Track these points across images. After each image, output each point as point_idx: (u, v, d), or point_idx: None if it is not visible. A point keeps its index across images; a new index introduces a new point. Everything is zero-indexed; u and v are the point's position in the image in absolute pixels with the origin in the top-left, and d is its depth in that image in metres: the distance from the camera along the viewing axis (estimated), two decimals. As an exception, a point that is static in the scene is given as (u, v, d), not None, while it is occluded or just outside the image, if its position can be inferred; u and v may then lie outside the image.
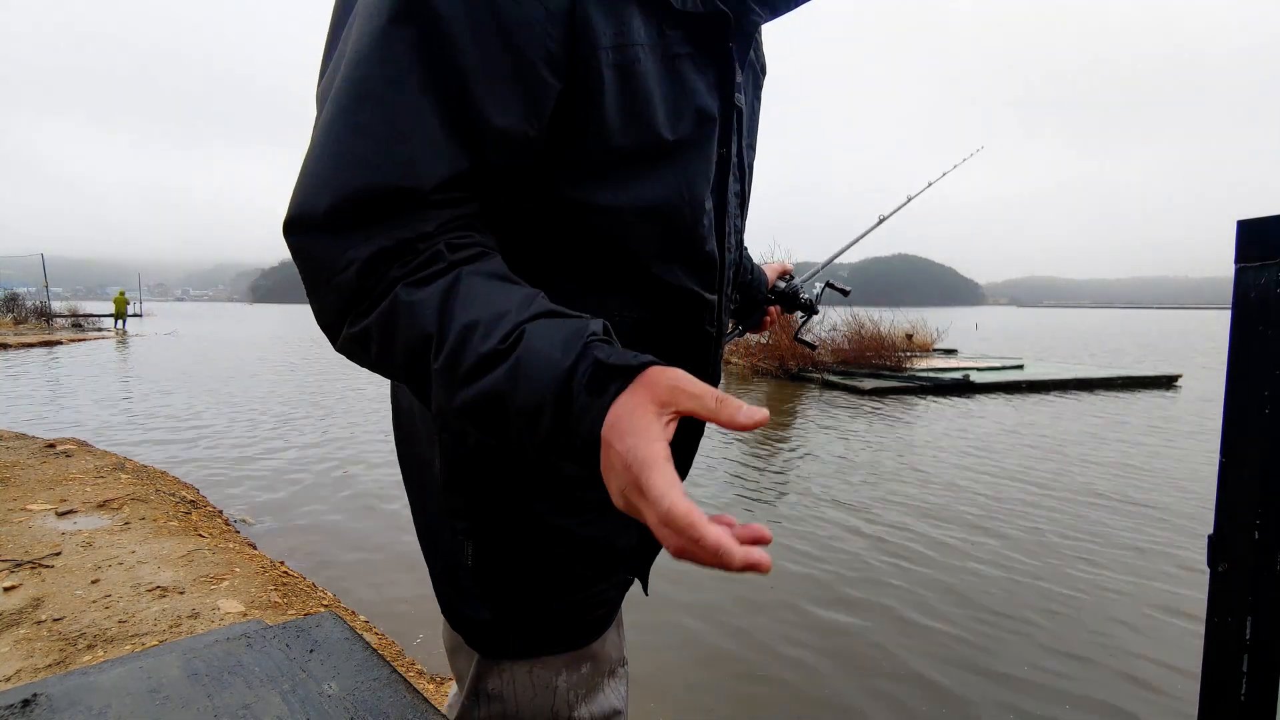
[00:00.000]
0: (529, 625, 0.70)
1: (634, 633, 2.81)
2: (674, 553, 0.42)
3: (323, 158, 0.50)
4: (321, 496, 4.68)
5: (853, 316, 13.73)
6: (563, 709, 0.73)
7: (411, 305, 0.49)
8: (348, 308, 0.52)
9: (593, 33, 0.54)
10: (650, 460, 0.42)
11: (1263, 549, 0.71)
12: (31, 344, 17.70)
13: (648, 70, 0.57)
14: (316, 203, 0.50)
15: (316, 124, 0.52)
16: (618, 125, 0.57)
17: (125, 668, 0.70)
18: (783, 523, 4.28)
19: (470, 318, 0.48)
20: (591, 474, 0.47)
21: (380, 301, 0.50)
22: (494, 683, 0.72)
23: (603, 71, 0.55)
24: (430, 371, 0.50)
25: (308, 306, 0.56)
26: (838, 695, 2.43)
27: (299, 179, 0.51)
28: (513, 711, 0.73)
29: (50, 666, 2.14)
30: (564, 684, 0.73)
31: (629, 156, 0.59)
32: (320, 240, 0.50)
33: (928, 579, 3.42)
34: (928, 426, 7.70)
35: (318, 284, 0.52)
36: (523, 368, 0.47)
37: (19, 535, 3.25)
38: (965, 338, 24.44)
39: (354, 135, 0.50)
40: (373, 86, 0.50)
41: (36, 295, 28.90)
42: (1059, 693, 2.46)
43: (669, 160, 0.61)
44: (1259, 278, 0.72)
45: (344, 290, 0.51)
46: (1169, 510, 4.59)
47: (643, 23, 0.57)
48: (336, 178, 0.49)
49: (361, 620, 2.77)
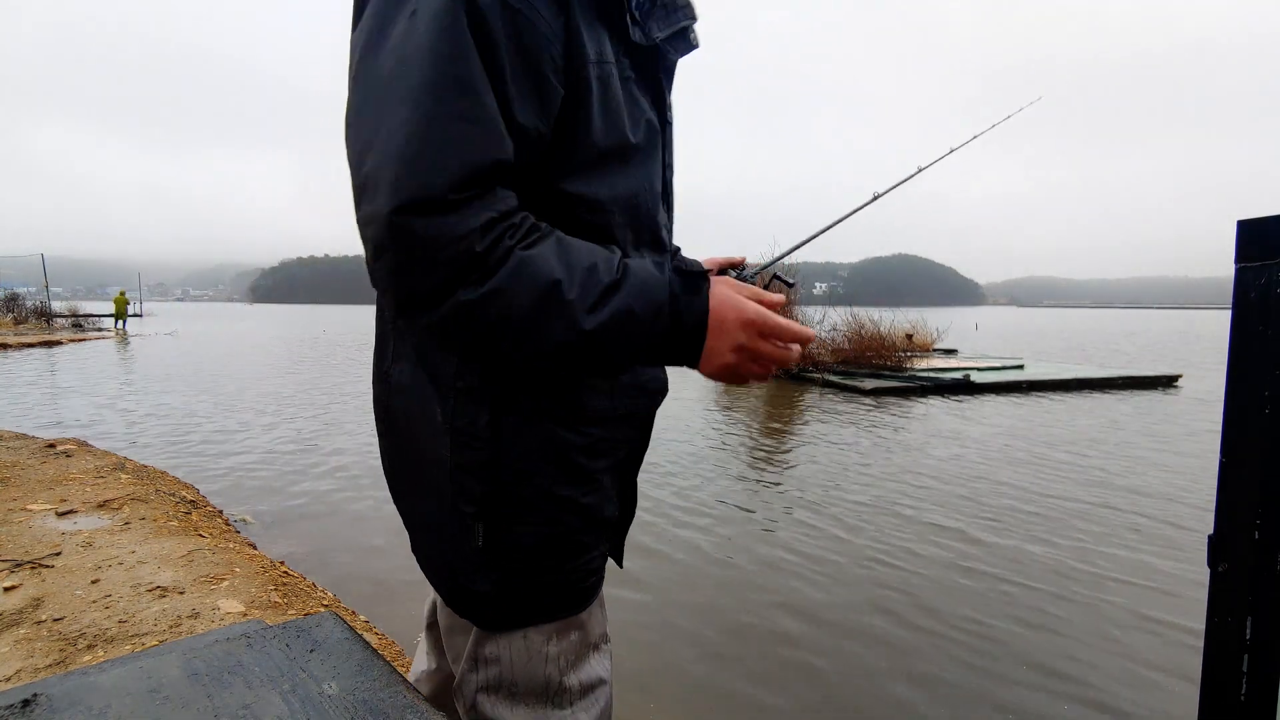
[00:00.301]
0: (530, 595, 0.78)
1: (634, 631, 2.81)
2: (784, 364, 0.73)
3: (429, 140, 0.58)
4: (322, 496, 4.68)
5: (853, 316, 13.72)
6: (554, 674, 0.80)
7: (533, 259, 0.62)
8: (464, 275, 0.60)
9: (583, 50, 0.68)
10: (761, 312, 0.70)
11: (1263, 549, 0.71)
12: (32, 344, 17.70)
13: (616, 84, 0.73)
14: (434, 183, 0.58)
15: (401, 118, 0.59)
16: (600, 127, 0.71)
17: (125, 668, 0.70)
18: (781, 524, 4.28)
19: (588, 262, 0.64)
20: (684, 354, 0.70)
21: (503, 263, 0.61)
22: (490, 649, 0.80)
23: (591, 81, 0.69)
24: (562, 305, 0.62)
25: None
26: (837, 697, 2.43)
27: (399, 165, 0.58)
28: (508, 676, 0.79)
29: (50, 666, 2.14)
30: (554, 650, 0.81)
31: (609, 155, 0.73)
32: (437, 218, 0.58)
33: (929, 582, 3.42)
34: (929, 427, 7.70)
35: (427, 259, 0.59)
36: (635, 288, 0.65)
37: (19, 535, 3.25)
38: (965, 338, 24.45)
39: (456, 121, 0.59)
40: (460, 81, 0.60)
41: (36, 295, 28.90)
42: (1057, 694, 2.46)
43: (635, 160, 0.76)
44: (1259, 278, 0.72)
45: (461, 259, 0.59)
46: (1169, 511, 4.59)
47: (611, 47, 0.72)
48: (448, 159, 0.58)
49: (361, 620, 2.77)
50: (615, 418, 0.81)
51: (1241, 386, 0.73)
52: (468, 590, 0.78)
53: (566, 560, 0.79)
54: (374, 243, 0.61)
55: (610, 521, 0.85)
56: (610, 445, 0.82)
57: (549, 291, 0.61)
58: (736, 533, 4.08)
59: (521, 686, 0.80)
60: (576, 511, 0.78)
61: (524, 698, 0.80)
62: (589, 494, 0.79)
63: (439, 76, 0.59)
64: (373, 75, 0.62)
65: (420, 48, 0.60)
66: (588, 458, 0.78)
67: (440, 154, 0.59)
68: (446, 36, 0.59)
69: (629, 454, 0.90)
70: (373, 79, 0.62)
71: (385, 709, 0.65)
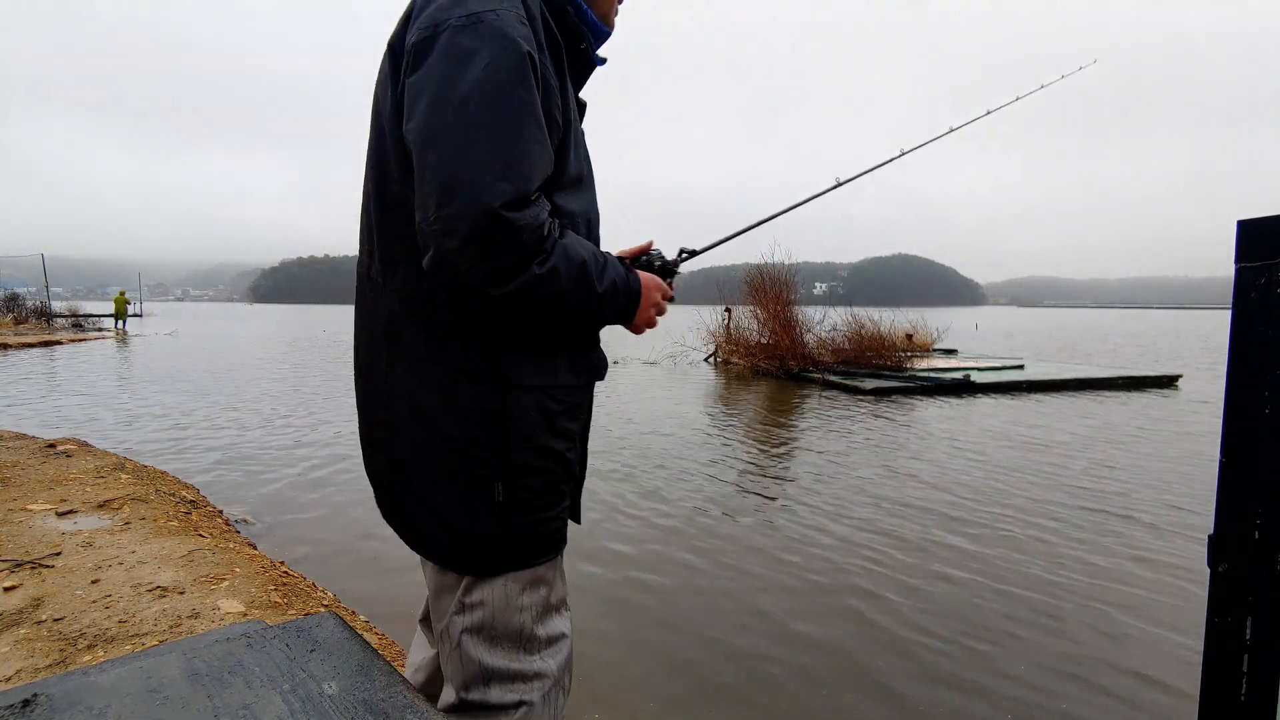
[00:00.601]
0: (526, 538, 0.99)
1: (603, 646, 2.79)
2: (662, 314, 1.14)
3: (521, 156, 0.83)
4: (322, 497, 4.68)
5: (853, 316, 13.72)
6: (526, 623, 1.00)
7: (570, 244, 0.92)
8: (534, 254, 0.86)
9: (569, 101, 0.98)
10: (663, 287, 1.13)
11: (1263, 549, 0.71)
12: (32, 344, 17.69)
13: (578, 127, 1.04)
14: (526, 187, 0.83)
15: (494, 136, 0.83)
16: (573, 159, 1.00)
17: (125, 668, 0.70)
18: (777, 528, 4.28)
19: (590, 250, 0.97)
20: (629, 308, 1.03)
21: (556, 247, 0.89)
22: (476, 595, 0.98)
23: (572, 125, 0.99)
24: (588, 275, 0.94)
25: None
26: (815, 708, 2.43)
27: (501, 168, 0.81)
28: (488, 620, 0.98)
29: (50, 666, 2.14)
30: (526, 601, 1.00)
31: (576, 181, 1.02)
32: (525, 212, 0.83)
33: (931, 585, 3.42)
34: (930, 427, 7.70)
35: (515, 241, 0.83)
36: (613, 268, 1.00)
37: (19, 535, 3.25)
38: (965, 338, 24.44)
39: (535, 144, 0.86)
40: (535, 118, 0.86)
41: (37, 295, 28.88)
42: (1057, 695, 2.45)
43: (586, 186, 1.07)
44: (1259, 278, 0.72)
45: (534, 244, 0.86)
46: (1170, 511, 4.59)
47: (573, 99, 1.02)
48: (532, 171, 0.85)
49: (361, 620, 2.77)
50: (578, 387, 1.05)
51: (1242, 386, 0.73)
52: (481, 546, 0.97)
53: (552, 506, 1.02)
54: (466, 233, 0.80)
55: (576, 477, 1.10)
56: (577, 410, 1.06)
57: (582, 266, 0.93)
58: (728, 533, 4.08)
59: (499, 630, 0.98)
60: (563, 464, 1.03)
61: (501, 641, 0.98)
62: (571, 449, 1.05)
63: (524, 111, 0.84)
64: (457, 107, 0.82)
65: (505, 89, 0.83)
66: (568, 419, 1.03)
67: (529, 165, 0.84)
68: (524, 82, 0.85)
69: (585, 421, 1.13)
70: (458, 110, 0.82)
71: (385, 709, 0.65)
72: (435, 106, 0.83)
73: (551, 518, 1.02)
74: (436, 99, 0.83)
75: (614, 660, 2.63)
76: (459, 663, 0.98)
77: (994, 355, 16.40)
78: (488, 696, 0.97)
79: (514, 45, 0.84)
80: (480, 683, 0.97)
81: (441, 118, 0.82)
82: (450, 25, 0.84)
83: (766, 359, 13.15)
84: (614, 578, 3.36)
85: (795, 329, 13.31)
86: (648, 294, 1.06)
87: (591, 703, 2.33)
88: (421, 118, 0.84)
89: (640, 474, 5.39)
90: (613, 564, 3.52)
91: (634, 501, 4.65)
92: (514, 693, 0.98)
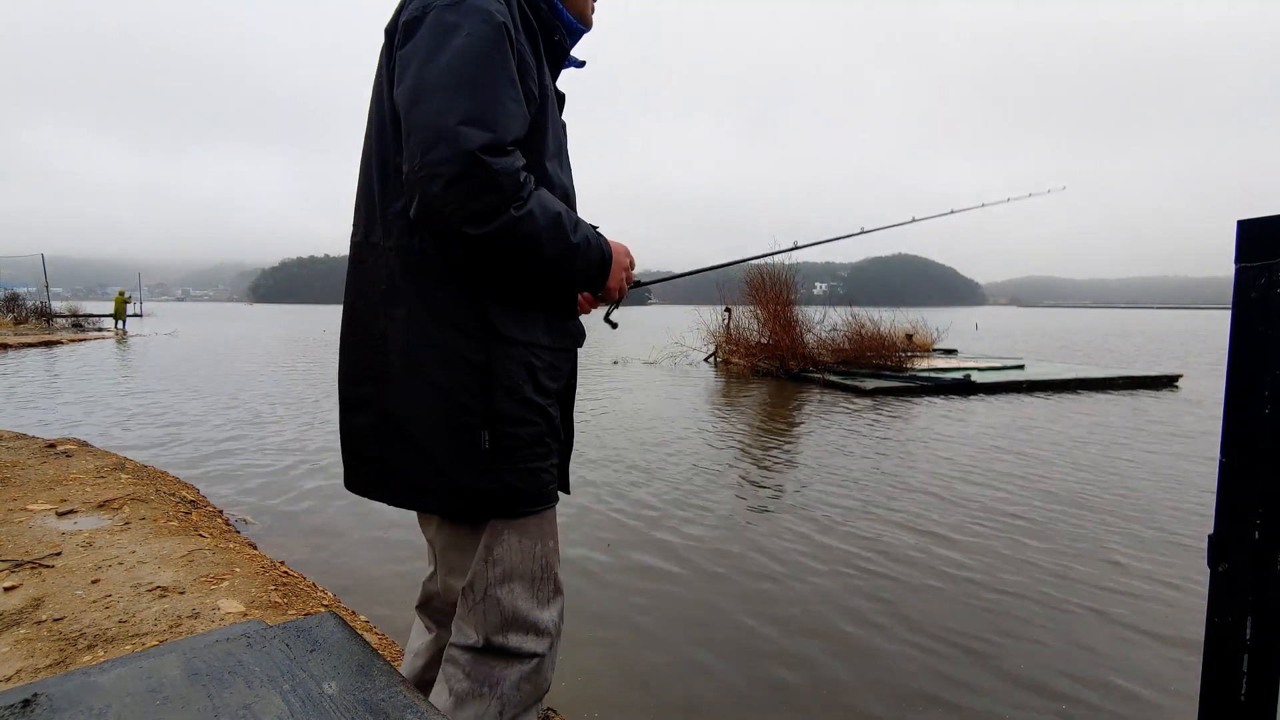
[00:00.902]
0: (520, 487, 1.06)
1: (602, 646, 2.78)
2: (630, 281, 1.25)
3: (498, 111, 0.93)
4: (322, 496, 4.68)
5: (853, 316, 13.72)
6: (537, 572, 1.11)
7: (544, 195, 1.01)
8: (510, 199, 0.94)
9: (545, 79, 1.10)
10: (629, 254, 1.21)
11: (1263, 549, 0.71)
12: (32, 344, 17.70)
13: (554, 105, 1.14)
14: (504, 135, 0.93)
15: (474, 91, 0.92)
16: (550, 133, 1.10)
17: (125, 668, 0.70)
18: (780, 530, 4.28)
19: (565, 209, 1.05)
20: (601, 268, 1.13)
21: (532, 195, 0.97)
22: (498, 550, 1.08)
23: (548, 101, 1.10)
24: (562, 224, 1.02)
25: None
26: (811, 709, 2.43)
27: (478, 118, 0.90)
28: (510, 569, 1.08)
29: (50, 666, 2.14)
30: (539, 550, 1.11)
31: (559, 160, 1.14)
32: (501, 158, 0.92)
33: (934, 592, 3.42)
34: (930, 427, 7.70)
35: (494, 184, 0.92)
36: (585, 226, 1.09)
37: (19, 535, 3.25)
38: (965, 338, 24.44)
39: (512, 102, 0.96)
40: (510, 79, 0.97)
41: (37, 295, 28.88)
42: (1056, 695, 2.45)
43: (563, 161, 1.17)
44: (1259, 277, 0.72)
45: (512, 188, 0.94)
46: (1171, 512, 4.59)
47: (550, 85, 1.14)
48: (510, 123, 0.94)
49: (362, 620, 2.77)
50: (558, 349, 1.14)
51: (1242, 386, 0.73)
52: (475, 491, 1.03)
53: (540, 458, 1.09)
54: (449, 175, 0.89)
55: (559, 437, 1.16)
56: (557, 372, 1.14)
57: (556, 215, 1.01)
58: (721, 536, 4.08)
59: (520, 579, 1.09)
60: (545, 417, 1.10)
61: (521, 592, 1.09)
62: (551, 405, 1.12)
63: (499, 72, 0.94)
64: (442, 69, 0.92)
65: (483, 54, 0.93)
66: (548, 378, 1.11)
67: (507, 119, 0.94)
68: (500, 48, 0.95)
69: (567, 386, 1.20)
70: (442, 71, 0.92)
71: (385, 709, 0.65)
72: (421, 70, 0.93)
73: (541, 469, 1.09)
74: (423, 64, 0.93)
75: (611, 661, 2.63)
76: (483, 613, 1.07)
77: (994, 355, 16.40)
78: (508, 642, 1.07)
79: (491, 17, 0.95)
80: (503, 630, 1.08)
81: (426, 80, 0.92)
82: (437, 5, 0.96)
83: (766, 359, 13.14)
84: (609, 580, 3.36)
85: (795, 329, 13.31)
86: (618, 258, 1.16)
87: (591, 703, 2.33)
88: (409, 81, 0.94)
89: (640, 475, 5.38)
90: (607, 565, 3.52)
91: (632, 503, 4.65)
92: (529, 643, 1.09)
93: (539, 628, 1.10)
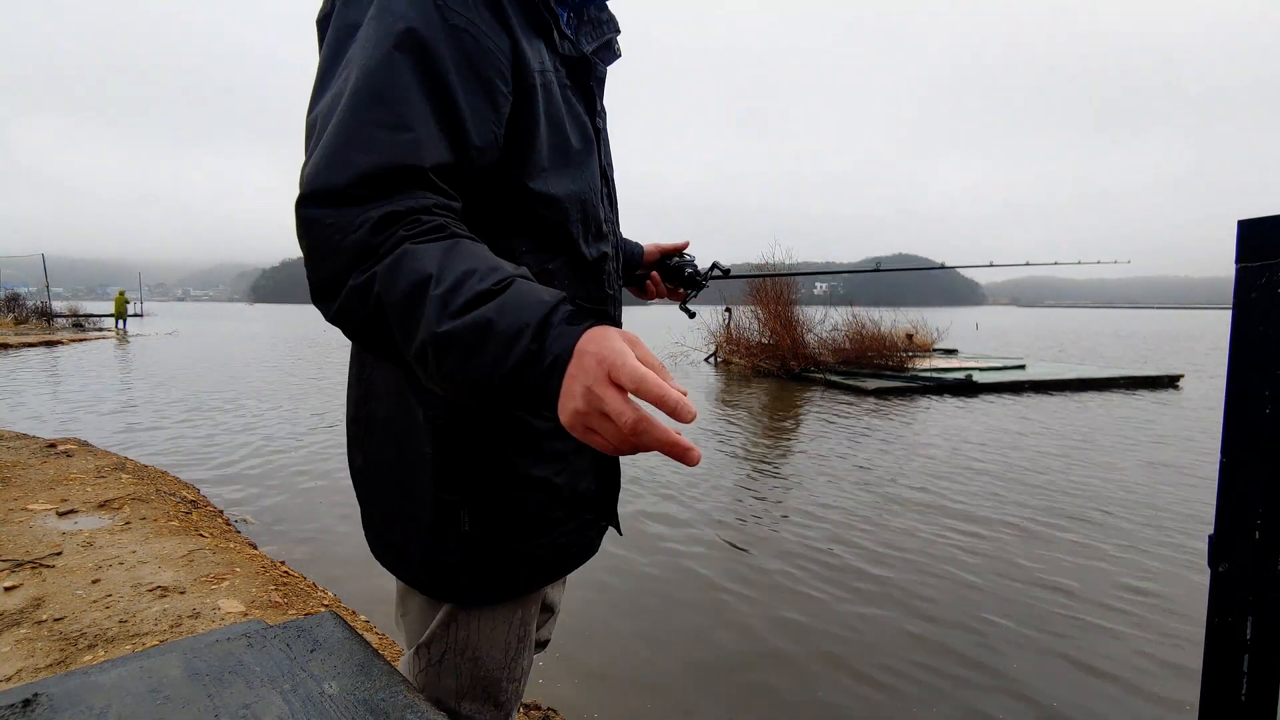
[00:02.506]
0: (500, 572, 0.87)
1: (600, 650, 2.80)
2: (629, 429, 0.52)
3: (341, 143, 0.63)
4: (322, 496, 4.68)
5: (853, 316, 13.72)
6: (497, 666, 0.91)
7: (417, 251, 0.60)
8: (355, 262, 0.62)
9: (527, 61, 0.75)
10: (624, 353, 0.53)
11: (1263, 549, 0.71)
12: (32, 344, 17.71)
13: (556, 91, 0.81)
14: (337, 178, 0.62)
15: (330, 125, 0.65)
16: (547, 130, 0.79)
17: (126, 668, 0.70)
18: (781, 531, 4.28)
19: (470, 266, 0.60)
20: (540, 392, 0.57)
21: (390, 254, 0.61)
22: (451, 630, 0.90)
23: (537, 89, 0.77)
24: (426, 299, 0.58)
25: (309, 307, 0.58)
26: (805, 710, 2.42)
27: (316, 161, 0.63)
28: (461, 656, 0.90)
29: (51, 666, 2.14)
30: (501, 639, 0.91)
31: (557, 157, 0.82)
32: (337, 210, 0.62)
33: (934, 596, 3.41)
34: (934, 427, 7.70)
35: (328, 246, 0.62)
36: (510, 304, 0.58)
37: (20, 535, 3.25)
38: (965, 339, 24.41)
39: (371, 126, 0.64)
40: (383, 92, 0.65)
41: (37, 295, 28.90)
42: (1056, 696, 2.45)
43: (578, 162, 0.85)
44: (1259, 277, 0.72)
45: (355, 247, 0.61)
46: (1171, 513, 4.59)
47: (548, 57, 0.80)
48: (356, 158, 0.63)
49: (362, 620, 2.77)
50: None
51: (1242, 386, 0.73)
52: (444, 569, 0.86)
53: (536, 536, 0.88)
54: (297, 235, 0.64)
55: (586, 495, 0.93)
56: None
57: (418, 285, 0.59)
58: (727, 540, 4.08)
59: (470, 671, 0.90)
60: (548, 490, 0.87)
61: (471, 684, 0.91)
62: (561, 473, 0.88)
63: (364, 91, 0.65)
64: (325, 94, 0.68)
65: (355, 69, 0.66)
66: (555, 439, 0.86)
67: (350, 154, 0.63)
68: (376, 57, 0.66)
69: None
70: (328, 99, 0.68)
71: (385, 709, 0.65)
72: (311, 94, 0.71)
73: (538, 545, 0.89)
74: (314, 85, 0.72)
75: (612, 664, 2.63)
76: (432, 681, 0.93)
77: (995, 355, 16.39)
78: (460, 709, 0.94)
79: (390, 15, 0.68)
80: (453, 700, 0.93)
81: (314, 107, 0.70)
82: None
83: (767, 359, 13.14)
84: (610, 582, 3.36)
85: (796, 329, 13.31)
86: (592, 350, 0.54)
87: (591, 704, 2.33)
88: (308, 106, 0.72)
89: (640, 475, 5.38)
90: (609, 568, 3.53)
91: (634, 506, 4.65)
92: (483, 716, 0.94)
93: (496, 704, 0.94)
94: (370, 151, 0.63)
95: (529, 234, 0.81)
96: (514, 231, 0.80)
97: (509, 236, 0.80)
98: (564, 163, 0.83)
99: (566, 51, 0.83)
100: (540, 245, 0.83)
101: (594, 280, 0.91)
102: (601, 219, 0.91)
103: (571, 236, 0.85)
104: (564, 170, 0.83)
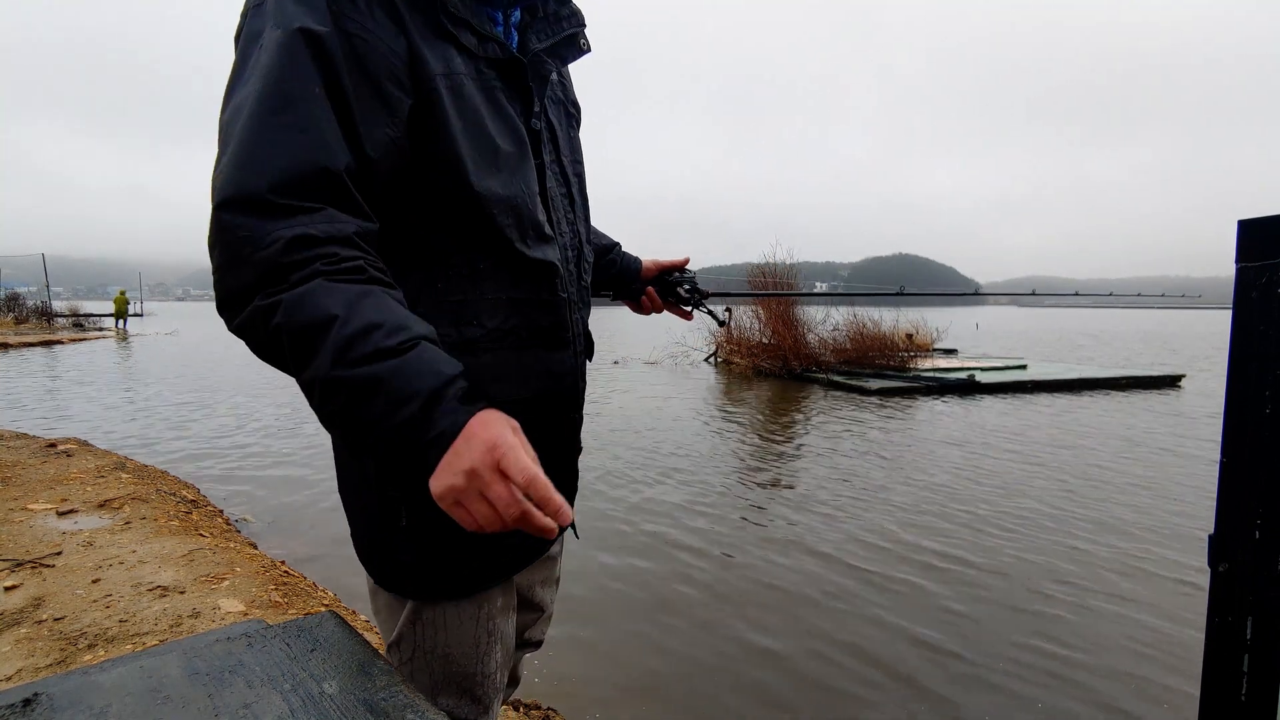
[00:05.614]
0: (449, 569, 0.86)
1: (598, 651, 2.80)
2: (511, 518, 0.59)
3: (255, 148, 0.63)
4: (322, 496, 4.68)
5: (854, 316, 13.72)
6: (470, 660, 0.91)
7: (330, 290, 0.61)
8: (264, 281, 0.61)
9: (426, 64, 0.75)
10: (515, 447, 0.59)
11: (1263, 549, 0.71)
12: (32, 343, 17.72)
13: (473, 92, 0.80)
14: (254, 183, 0.62)
15: (237, 128, 0.64)
16: (460, 129, 0.77)
17: (126, 667, 0.70)
18: (782, 533, 4.28)
19: (378, 319, 0.61)
20: (417, 459, 0.61)
21: (301, 284, 0.61)
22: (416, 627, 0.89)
23: (440, 91, 0.76)
24: (326, 341, 0.60)
25: None
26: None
27: (229, 164, 0.63)
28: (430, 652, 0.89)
29: (51, 666, 2.14)
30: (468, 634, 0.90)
31: (484, 158, 0.79)
32: (252, 219, 0.61)
33: (938, 599, 3.41)
34: (937, 428, 7.70)
35: (238, 257, 0.61)
36: (408, 368, 0.60)
37: (20, 535, 3.26)
38: (965, 339, 24.41)
39: (277, 129, 0.64)
40: (289, 95, 0.65)
41: (37, 295, 28.94)
42: (1056, 697, 2.45)
43: (509, 165, 0.83)
44: (1260, 277, 0.72)
45: (264, 264, 0.61)
46: (1173, 512, 4.59)
47: (462, 61, 0.79)
48: (268, 159, 0.63)
49: (362, 620, 2.78)
50: (510, 401, 0.80)
51: (1242, 386, 0.73)
52: (400, 565, 0.86)
53: (481, 536, 0.84)
54: (208, 242, 0.63)
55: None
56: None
57: (321, 325, 0.60)
58: (729, 541, 4.08)
59: (443, 666, 0.90)
60: None
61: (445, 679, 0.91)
62: None
63: (270, 93, 0.65)
64: (232, 103, 0.68)
65: (258, 73, 0.66)
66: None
67: (264, 157, 0.63)
68: (277, 60, 0.66)
69: (553, 439, 0.94)
70: (233, 107, 0.67)
71: (385, 709, 0.65)
72: (222, 99, 0.71)
73: (482, 542, 0.86)
74: (224, 91, 0.72)
75: (612, 663, 2.63)
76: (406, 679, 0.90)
77: (996, 355, 16.39)
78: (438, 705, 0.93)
79: (287, 21, 0.68)
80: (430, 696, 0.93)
81: (224, 111, 0.69)
82: (250, 7, 0.73)
83: (768, 359, 13.14)
84: (611, 583, 3.36)
85: (797, 329, 13.31)
86: (482, 435, 0.60)
87: (591, 703, 2.33)
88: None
89: (638, 477, 5.38)
90: (610, 569, 3.53)
91: (634, 508, 4.65)
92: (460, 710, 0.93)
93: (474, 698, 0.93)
94: (280, 152, 0.63)
95: (453, 232, 0.80)
96: (439, 229, 0.80)
97: (434, 234, 0.80)
98: (491, 164, 0.80)
99: (492, 54, 0.82)
100: (467, 244, 0.81)
101: (540, 282, 0.87)
102: (542, 220, 0.88)
103: (505, 237, 0.82)
104: (492, 172, 0.80)
